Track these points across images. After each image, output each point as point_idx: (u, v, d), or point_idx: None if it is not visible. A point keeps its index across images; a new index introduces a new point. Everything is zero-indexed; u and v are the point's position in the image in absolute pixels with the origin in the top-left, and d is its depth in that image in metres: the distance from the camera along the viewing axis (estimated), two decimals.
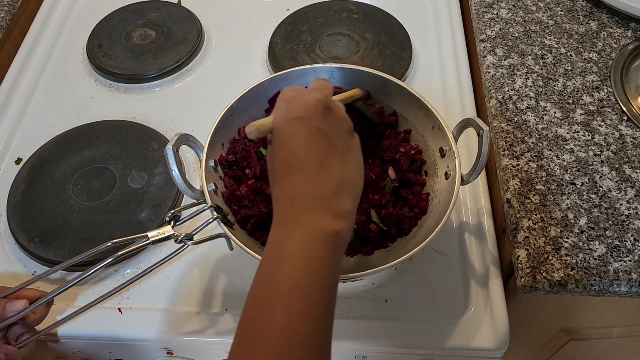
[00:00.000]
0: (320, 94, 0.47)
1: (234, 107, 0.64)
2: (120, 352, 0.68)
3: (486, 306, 0.64)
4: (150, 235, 0.56)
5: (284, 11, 0.95)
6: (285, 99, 0.47)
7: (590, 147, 0.68)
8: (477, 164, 0.59)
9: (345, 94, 0.62)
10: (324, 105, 0.47)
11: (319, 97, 0.47)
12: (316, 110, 0.46)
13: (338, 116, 0.48)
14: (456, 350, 0.63)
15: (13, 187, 0.75)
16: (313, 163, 0.44)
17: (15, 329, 0.55)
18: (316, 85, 0.51)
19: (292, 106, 0.46)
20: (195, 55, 0.91)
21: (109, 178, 0.75)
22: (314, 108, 0.46)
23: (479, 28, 0.82)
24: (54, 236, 0.69)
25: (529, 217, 0.62)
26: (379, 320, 0.64)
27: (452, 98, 0.83)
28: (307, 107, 0.46)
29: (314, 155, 0.45)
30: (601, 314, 0.73)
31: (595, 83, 0.74)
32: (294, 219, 0.43)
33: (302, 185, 0.44)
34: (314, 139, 0.45)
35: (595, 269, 0.58)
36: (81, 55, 0.93)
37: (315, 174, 0.44)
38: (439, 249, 0.69)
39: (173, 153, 0.56)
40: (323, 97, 0.47)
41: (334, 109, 0.48)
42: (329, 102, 0.48)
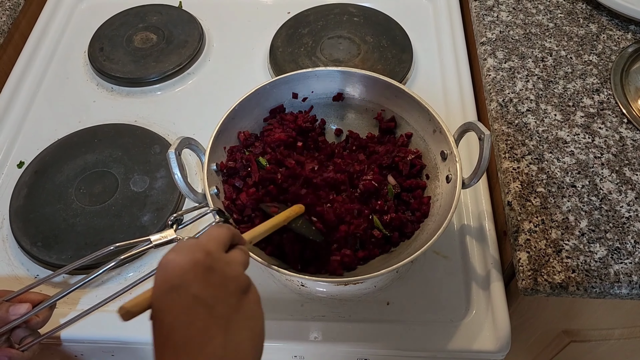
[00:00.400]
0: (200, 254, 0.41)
1: (236, 111, 0.65)
2: (123, 355, 0.68)
3: (487, 309, 0.64)
4: (152, 238, 0.56)
5: (285, 14, 0.96)
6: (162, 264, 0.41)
7: (591, 149, 0.68)
8: (478, 168, 0.59)
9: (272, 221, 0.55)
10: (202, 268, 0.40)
11: (197, 259, 0.40)
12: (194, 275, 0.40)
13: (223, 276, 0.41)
14: (458, 352, 0.63)
15: (15, 191, 0.75)
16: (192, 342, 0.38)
17: (18, 332, 0.56)
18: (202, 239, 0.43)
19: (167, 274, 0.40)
20: (196, 58, 0.91)
21: (111, 182, 0.75)
22: (190, 273, 0.40)
23: (480, 31, 0.82)
24: (56, 240, 0.70)
25: (530, 219, 0.62)
26: (381, 323, 0.64)
27: (452, 101, 0.84)
28: (182, 273, 0.40)
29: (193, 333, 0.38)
30: (602, 315, 0.73)
31: (595, 85, 0.74)
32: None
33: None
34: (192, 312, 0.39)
35: (596, 271, 0.58)
36: (83, 59, 0.93)
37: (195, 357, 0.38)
38: (440, 252, 0.69)
39: (175, 157, 0.56)
40: (202, 257, 0.41)
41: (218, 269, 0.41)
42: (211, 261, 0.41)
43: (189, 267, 0.40)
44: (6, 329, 0.54)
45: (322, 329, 0.64)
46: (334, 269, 0.59)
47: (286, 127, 0.67)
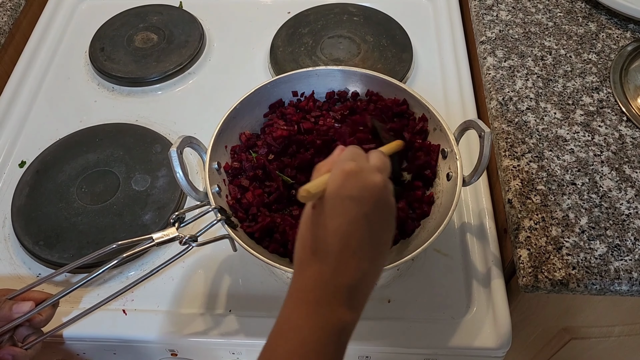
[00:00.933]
0: (380, 178, 0.45)
1: (237, 110, 0.65)
2: (125, 353, 0.69)
3: (488, 306, 0.65)
4: (155, 237, 0.56)
5: (285, 14, 0.96)
6: (345, 171, 0.44)
7: (591, 147, 0.68)
8: (478, 165, 0.59)
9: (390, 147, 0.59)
10: (380, 192, 0.45)
11: (378, 183, 0.45)
12: (372, 196, 0.44)
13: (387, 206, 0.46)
14: (459, 349, 0.63)
15: (17, 190, 0.75)
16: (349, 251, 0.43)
17: (21, 330, 0.56)
18: (378, 164, 0.48)
19: (349, 182, 0.44)
20: (197, 58, 0.91)
21: (113, 181, 0.75)
22: (370, 193, 0.44)
23: (479, 30, 0.83)
24: (58, 239, 0.70)
25: (530, 217, 0.62)
26: (382, 321, 0.65)
27: (452, 99, 0.84)
28: (363, 190, 0.44)
29: (352, 244, 0.43)
30: (602, 313, 0.73)
31: (594, 84, 0.74)
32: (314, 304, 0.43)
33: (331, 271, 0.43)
34: (359, 226, 0.44)
35: (597, 268, 0.59)
36: (83, 59, 0.94)
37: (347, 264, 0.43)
38: (441, 250, 0.70)
39: (177, 155, 0.57)
40: (382, 183, 0.45)
41: (387, 198, 0.46)
42: (385, 189, 0.46)
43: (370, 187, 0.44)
44: (10, 327, 0.54)
45: None
46: None
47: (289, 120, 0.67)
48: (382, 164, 0.48)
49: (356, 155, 0.46)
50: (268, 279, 0.68)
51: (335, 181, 0.44)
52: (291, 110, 0.69)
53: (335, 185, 0.44)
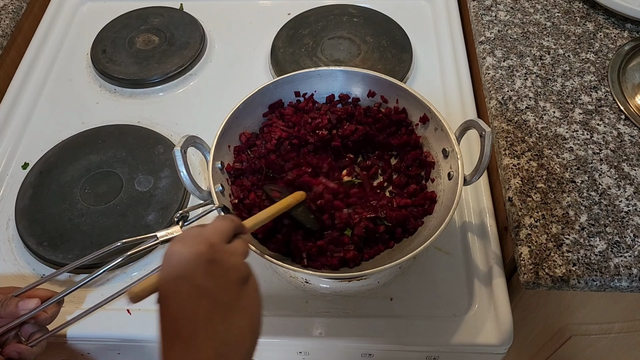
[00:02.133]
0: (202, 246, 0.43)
1: (240, 110, 0.66)
2: (129, 353, 0.69)
3: (490, 303, 0.65)
4: (159, 235, 0.57)
5: (285, 16, 0.97)
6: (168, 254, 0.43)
7: (590, 145, 0.69)
8: (479, 164, 0.60)
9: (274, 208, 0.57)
10: (205, 260, 0.43)
11: (200, 251, 0.43)
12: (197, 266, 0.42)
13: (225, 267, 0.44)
14: (461, 346, 0.64)
15: (21, 192, 0.76)
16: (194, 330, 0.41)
17: (27, 327, 0.56)
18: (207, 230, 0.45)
19: (173, 263, 0.42)
20: (198, 60, 0.92)
21: (116, 182, 0.76)
22: (194, 264, 0.42)
23: (478, 30, 0.84)
24: (62, 240, 0.70)
25: (530, 214, 0.63)
26: (385, 318, 0.65)
27: (452, 99, 0.85)
28: (187, 264, 0.42)
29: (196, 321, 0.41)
30: (602, 309, 0.74)
31: (593, 83, 0.75)
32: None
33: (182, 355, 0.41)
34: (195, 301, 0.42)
35: (597, 264, 0.59)
36: (85, 61, 0.94)
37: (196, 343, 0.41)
38: (442, 248, 0.70)
39: (181, 154, 0.57)
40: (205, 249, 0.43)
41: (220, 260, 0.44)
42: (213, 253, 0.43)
43: (193, 258, 0.43)
44: (15, 324, 0.54)
45: (326, 325, 0.65)
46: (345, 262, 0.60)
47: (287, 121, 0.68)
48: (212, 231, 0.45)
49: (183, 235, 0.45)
50: (271, 278, 0.69)
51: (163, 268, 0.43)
52: (290, 111, 0.69)
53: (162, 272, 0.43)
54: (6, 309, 0.54)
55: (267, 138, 0.66)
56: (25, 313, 0.55)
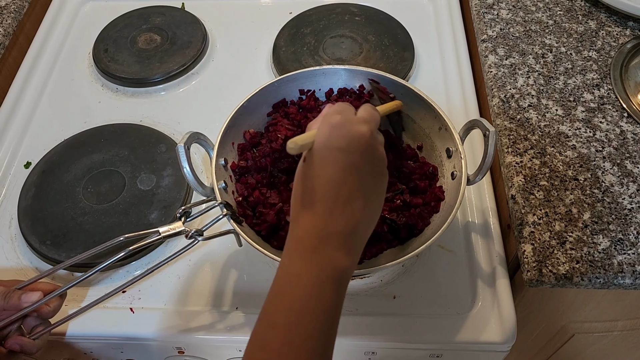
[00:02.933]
0: (366, 128, 0.47)
1: (244, 107, 0.66)
2: (132, 351, 0.69)
3: (493, 301, 0.65)
4: (161, 230, 0.57)
5: (287, 15, 0.97)
6: (332, 123, 0.46)
7: (592, 143, 0.69)
8: (483, 164, 0.60)
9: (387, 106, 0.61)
10: (366, 142, 0.46)
11: (365, 133, 0.46)
12: (359, 145, 0.46)
13: (376, 155, 0.48)
14: (464, 344, 0.64)
15: (23, 191, 0.76)
16: (340, 199, 0.45)
17: (29, 321, 0.56)
18: (365, 115, 0.49)
19: (336, 133, 0.45)
20: (200, 59, 0.92)
21: (119, 181, 0.76)
22: (357, 143, 0.46)
23: (480, 28, 0.84)
24: (65, 238, 0.70)
25: (533, 212, 0.63)
26: (388, 317, 0.65)
27: (454, 98, 0.85)
28: (351, 140, 0.45)
29: (343, 192, 0.45)
30: (605, 307, 0.74)
31: (595, 81, 0.75)
32: (310, 251, 0.44)
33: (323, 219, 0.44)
34: (348, 174, 0.45)
35: (600, 262, 0.59)
36: (87, 61, 0.94)
37: (339, 211, 0.45)
38: (445, 246, 0.70)
39: (185, 151, 0.57)
40: (369, 133, 0.47)
41: (375, 147, 0.48)
42: (372, 139, 0.47)
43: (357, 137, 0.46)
44: (18, 316, 0.55)
45: None
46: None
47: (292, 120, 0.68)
48: (369, 116, 0.49)
49: (342, 109, 0.47)
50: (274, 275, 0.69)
51: (323, 133, 0.45)
52: (294, 110, 0.69)
53: (322, 137, 0.45)
54: (9, 301, 0.55)
55: (272, 137, 0.66)
56: (28, 305, 0.55)
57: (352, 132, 0.46)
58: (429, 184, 0.65)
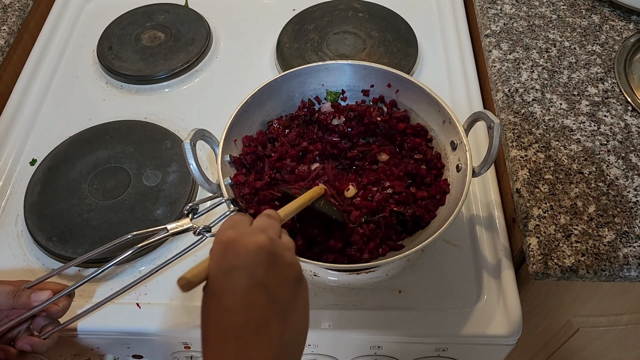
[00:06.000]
0: (264, 237, 0.40)
1: (249, 104, 0.66)
2: (138, 347, 0.69)
3: (499, 294, 0.65)
4: (169, 227, 0.57)
5: (290, 11, 0.97)
6: (223, 241, 0.40)
7: (597, 137, 0.69)
8: (488, 156, 0.60)
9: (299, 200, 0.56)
10: (267, 252, 0.40)
11: (263, 242, 0.40)
12: (258, 258, 0.39)
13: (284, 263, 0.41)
14: (470, 338, 0.64)
15: (29, 187, 0.76)
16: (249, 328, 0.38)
17: (38, 320, 0.57)
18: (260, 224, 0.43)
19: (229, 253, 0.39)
20: (204, 56, 0.92)
21: (124, 177, 0.76)
22: (255, 256, 0.39)
23: (484, 23, 0.84)
24: (71, 235, 0.71)
25: (538, 205, 0.63)
26: (394, 311, 0.65)
27: (458, 92, 0.85)
28: (247, 255, 0.39)
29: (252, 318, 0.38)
30: (610, 301, 0.74)
31: (599, 75, 0.75)
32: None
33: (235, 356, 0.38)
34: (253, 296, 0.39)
35: (605, 254, 0.59)
36: (92, 58, 0.94)
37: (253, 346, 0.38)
38: (450, 241, 0.70)
39: (191, 147, 0.58)
40: (268, 241, 0.40)
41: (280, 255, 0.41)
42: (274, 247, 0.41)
43: (254, 250, 0.39)
44: (28, 315, 0.55)
45: (335, 318, 0.65)
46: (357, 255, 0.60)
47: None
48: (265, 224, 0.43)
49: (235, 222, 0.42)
50: None
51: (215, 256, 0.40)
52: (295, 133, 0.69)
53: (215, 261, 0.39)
54: (18, 300, 0.55)
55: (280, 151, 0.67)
56: (38, 304, 0.55)
57: (247, 246, 0.39)
58: (434, 177, 0.65)
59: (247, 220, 0.43)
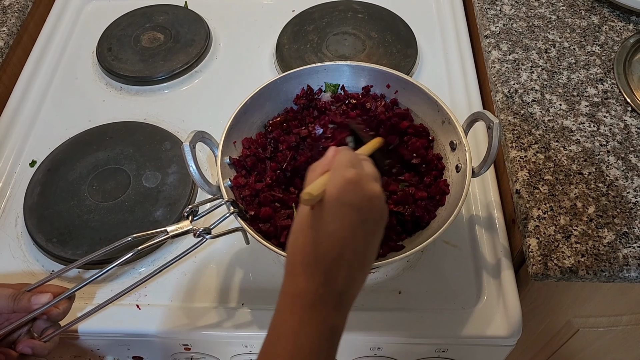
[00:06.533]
0: (379, 188, 0.46)
1: (247, 105, 0.66)
2: (138, 348, 0.69)
3: (499, 295, 0.65)
4: (169, 229, 0.57)
5: (290, 12, 0.97)
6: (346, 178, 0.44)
7: (596, 137, 0.69)
8: (487, 156, 0.60)
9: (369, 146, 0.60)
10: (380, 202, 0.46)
11: (378, 193, 0.46)
12: (371, 205, 0.45)
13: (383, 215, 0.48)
14: (470, 339, 0.64)
15: (29, 189, 0.76)
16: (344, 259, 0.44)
17: (39, 323, 0.57)
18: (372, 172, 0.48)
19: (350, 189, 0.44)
20: (203, 57, 0.92)
21: (124, 178, 0.76)
22: (369, 203, 0.45)
23: (483, 24, 0.84)
24: (71, 236, 0.71)
25: (538, 206, 0.63)
26: (393, 312, 0.65)
27: (458, 93, 0.85)
28: (363, 199, 0.45)
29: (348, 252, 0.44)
30: (610, 302, 0.74)
31: (598, 75, 0.75)
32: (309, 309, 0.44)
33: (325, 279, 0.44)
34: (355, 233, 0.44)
35: (605, 255, 0.59)
36: (91, 60, 0.94)
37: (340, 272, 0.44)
38: (450, 241, 0.70)
39: (190, 149, 0.58)
40: (380, 194, 0.46)
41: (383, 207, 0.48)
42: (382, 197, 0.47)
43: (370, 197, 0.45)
44: (29, 318, 0.55)
45: None
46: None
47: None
48: (375, 173, 0.49)
49: (354, 162, 0.46)
50: (279, 272, 0.69)
51: (336, 186, 0.44)
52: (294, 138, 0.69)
53: (335, 190, 0.44)
54: (19, 303, 0.55)
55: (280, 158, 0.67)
56: (39, 307, 0.55)
57: (366, 191, 0.45)
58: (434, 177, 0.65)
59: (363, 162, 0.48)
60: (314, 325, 0.43)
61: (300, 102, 0.70)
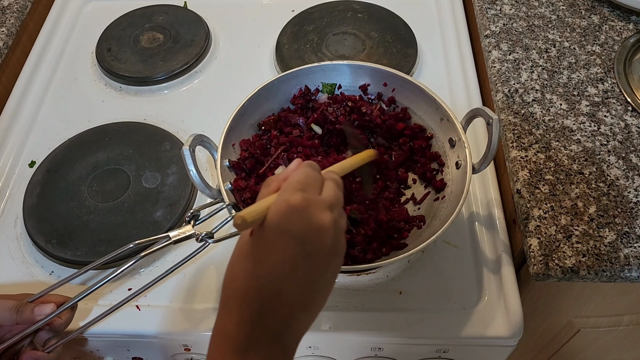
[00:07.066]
0: (329, 218, 0.40)
1: (245, 107, 0.66)
2: (138, 349, 0.69)
3: (499, 295, 0.65)
4: (172, 235, 0.57)
5: (289, 12, 0.97)
6: (290, 204, 0.39)
7: (597, 137, 0.69)
8: (487, 152, 0.60)
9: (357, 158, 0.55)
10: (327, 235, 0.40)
11: (327, 224, 0.40)
12: (317, 238, 0.40)
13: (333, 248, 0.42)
14: (471, 339, 0.64)
15: (28, 190, 0.76)
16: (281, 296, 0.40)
17: (42, 334, 0.56)
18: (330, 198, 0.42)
19: (293, 218, 0.39)
20: (203, 57, 0.92)
21: (123, 179, 0.76)
22: (315, 235, 0.40)
23: (483, 24, 0.84)
24: (71, 237, 0.70)
25: (539, 206, 0.63)
26: (394, 312, 0.65)
27: (458, 93, 0.85)
28: (308, 229, 0.39)
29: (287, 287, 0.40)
30: (611, 302, 0.74)
31: (599, 75, 0.75)
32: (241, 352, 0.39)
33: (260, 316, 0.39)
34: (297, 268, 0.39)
35: (606, 255, 0.59)
36: (90, 60, 0.94)
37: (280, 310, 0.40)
38: (450, 242, 0.70)
39: (190, 153, 0.57)
40: (331, 224, 0.40)
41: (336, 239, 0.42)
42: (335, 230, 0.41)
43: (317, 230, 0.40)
44: (32, 330, 0.54)
45: (335, 319, 0.65)
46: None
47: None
48: (335, 199, 0.43)
49: (307, 184, 0.41)
50: None
51: (277, 212, 0.39)
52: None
53: (276, 216, 0.39)
54: (22, 315, 0.54)
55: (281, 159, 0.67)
56: (42, 318, 0.54)
57: (312, 222, 0.39)
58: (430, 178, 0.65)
59: (319, 184, 0.43)
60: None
61: (298, 103, 0.70)
